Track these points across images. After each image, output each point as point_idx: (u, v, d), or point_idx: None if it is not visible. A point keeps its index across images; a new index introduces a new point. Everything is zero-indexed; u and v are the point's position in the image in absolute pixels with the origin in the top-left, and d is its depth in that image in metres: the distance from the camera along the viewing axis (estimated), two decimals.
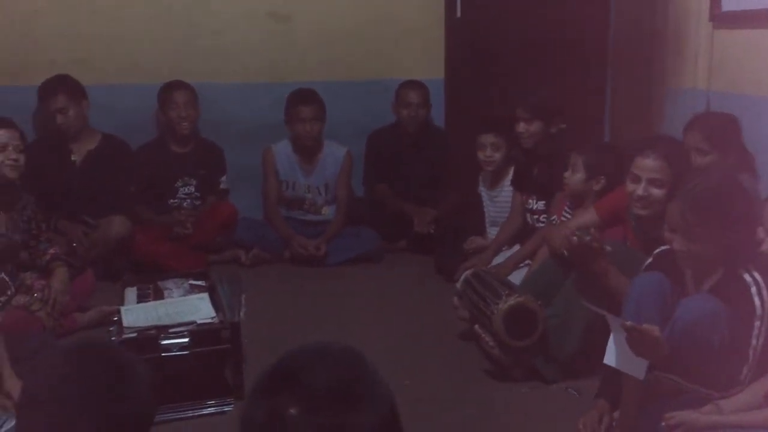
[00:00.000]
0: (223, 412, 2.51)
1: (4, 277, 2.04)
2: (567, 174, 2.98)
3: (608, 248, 2.43)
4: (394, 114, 4.23)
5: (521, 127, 3.29)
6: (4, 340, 2.33)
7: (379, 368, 1.11)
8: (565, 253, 2.54)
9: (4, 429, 1.99)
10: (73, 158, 3.82)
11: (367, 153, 4.32)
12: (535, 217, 3.37)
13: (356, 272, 3.93)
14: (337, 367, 1.05)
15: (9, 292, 2.02)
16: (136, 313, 2.61)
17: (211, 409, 2.52)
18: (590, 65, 4.12)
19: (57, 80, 3.78)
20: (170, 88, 3.99)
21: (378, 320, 3.32)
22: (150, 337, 2.47)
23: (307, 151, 4.11)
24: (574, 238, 2.40)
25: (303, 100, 4.00)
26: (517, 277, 3.06)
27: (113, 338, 2.46)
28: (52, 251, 3.08)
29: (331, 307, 3.49)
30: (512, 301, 2.58)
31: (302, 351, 1.07)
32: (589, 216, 2.79)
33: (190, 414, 2.48)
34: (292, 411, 0.98)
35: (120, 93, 4.07)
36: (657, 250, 2.23)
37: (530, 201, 3.39)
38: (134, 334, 2.47)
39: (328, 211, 4.20)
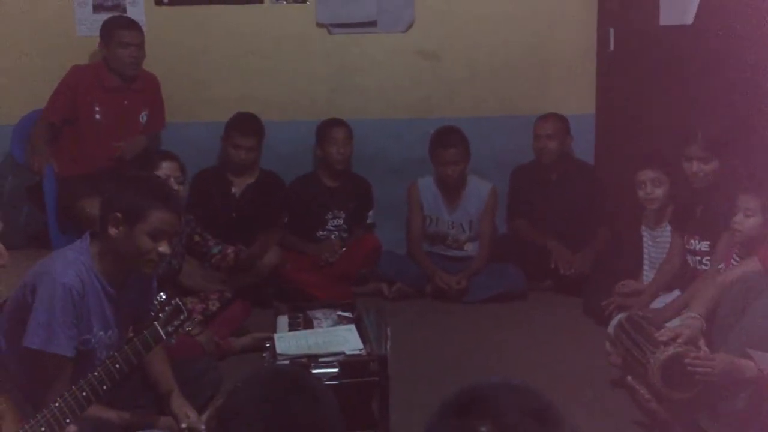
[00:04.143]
0: None
1: (179, 302, 2.16)
2: (738, 218, 2.76)
3: None
4: (532, 149, 4.16)
5: (695, 166, 3.05)
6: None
7: None
8: None
9: None
10: (233, 190, 4.03)
11: (510, 189, 4.27)
12: (698, 258, 3.15)
13: (499, 310, 3.85)
14: (526, 393, 1.03)
15: (182, 317, 2.14)
16: (289, 341, 2.68)
17: None
18: (761, 97, 3.84)
19: (253, 120, 3.98)
20: (330, 125, 4.13)
21: (522, 361, 3.22)
22: (301, 365, 2.52)
23: (451, 188, 4.12)
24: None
25: (445, 143, 4.00)
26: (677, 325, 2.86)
27: (266, 364, 2.53)
28: (230, 251, 3.22)
29: (474, 345, 3.43)
30: (672, 350, 2.42)
31: (485, 380, 1.05)
32: (751, 265, 2.60)
33: None
34: (483, 429, 0.97)
35: (277, 128, 4.25)
36: None
37: (692, 241, 3.18)
38: (287, 362, 2.54)
39: (471, 247, 4.17)
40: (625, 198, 3.61)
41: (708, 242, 3.10)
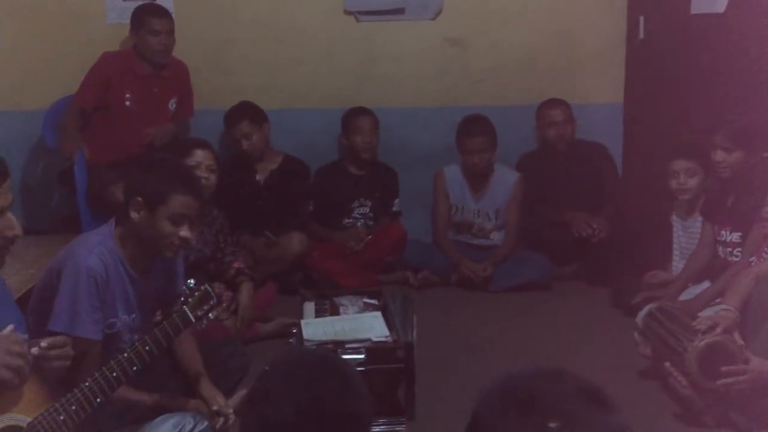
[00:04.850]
0: None
1: (208, 288, 2.18)
2: None
3: None
4: (538, 135, 4.13)
5: (719, 155, 3.05)
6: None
7: None
8: None
9: (197, 430, 2.13)
10: (257, 177, 4.05)
11: None
12: (729, 249, 3.11)
13: (525, 299, 3.84)
14: (573, 379, 1.00)
15: (211, 302, 2.16)
16: (315, 327, 2.70)
17: (383, 428, 2.54)
18: None
19: (241, 108, 4.01)
20: (356, 114, 4.11)
21: (548, 349, 3.20)
22: (328, 351, 2.54)
23: (478, 176, 4.10)
24: None
25: (472, 132, 3.99)
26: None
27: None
28: (236, 265, 3.26)
29: (499, 333, 3.42)
30: (709, 339, 2.40)
31: (524, 371, 1.02)
32: None
33: None
34: (552, 425, 0.93)
35: (301, 116, 4.27)
36: None
37: (723, 232, 3.14)
38: (314, 347, 2.55)
39: (496, 236, 4.16)
40: (653, 187, 3.57)
41: (739, 233, 3.07)
